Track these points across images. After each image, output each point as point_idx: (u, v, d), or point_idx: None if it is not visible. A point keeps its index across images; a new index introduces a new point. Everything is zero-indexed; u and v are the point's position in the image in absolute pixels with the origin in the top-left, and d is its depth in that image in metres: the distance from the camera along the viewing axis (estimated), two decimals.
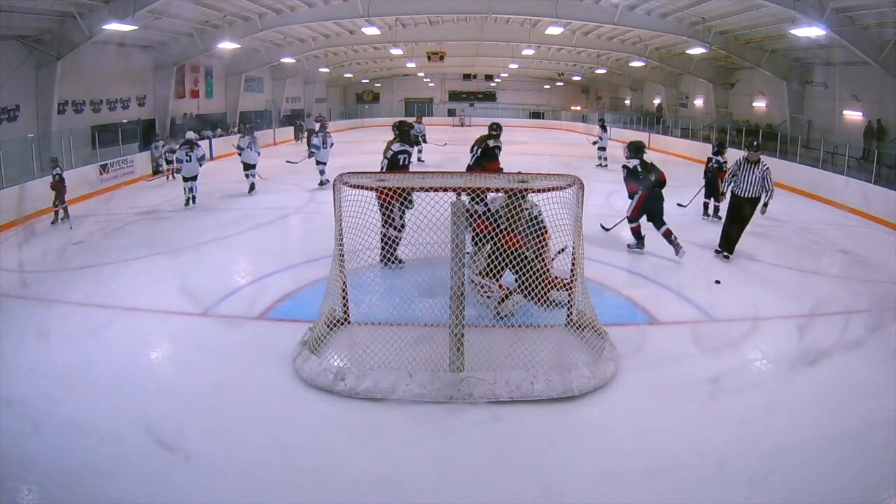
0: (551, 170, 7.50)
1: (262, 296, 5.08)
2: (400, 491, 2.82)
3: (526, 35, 18.32)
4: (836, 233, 8.08)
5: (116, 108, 14.05)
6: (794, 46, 13.82)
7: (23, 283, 5.76)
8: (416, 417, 3.35)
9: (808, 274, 6.28)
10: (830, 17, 10.28)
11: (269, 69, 21.50)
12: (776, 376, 3.97)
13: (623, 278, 5.63)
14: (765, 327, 4.66)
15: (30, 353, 4.11)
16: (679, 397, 3.56)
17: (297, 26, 15.76)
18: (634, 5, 13.59)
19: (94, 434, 3.14)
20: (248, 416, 3.35)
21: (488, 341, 3.84)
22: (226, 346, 4.24)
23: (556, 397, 3.46)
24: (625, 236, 7.02)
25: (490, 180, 4.33)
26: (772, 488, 2.77)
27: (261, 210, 9.05)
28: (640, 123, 22.08)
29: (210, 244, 7.14)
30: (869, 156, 11.18)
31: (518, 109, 31.35)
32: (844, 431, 3.23)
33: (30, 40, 10.79)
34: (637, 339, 4.29)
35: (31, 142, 10.38)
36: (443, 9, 14.94)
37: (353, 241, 4.05)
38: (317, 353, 3.87)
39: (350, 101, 32.26)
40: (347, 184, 3.93)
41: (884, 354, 4.09)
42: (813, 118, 14.77)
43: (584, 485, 2.85)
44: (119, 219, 8.55)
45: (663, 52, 18.73)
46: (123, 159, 12.01)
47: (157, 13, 11.87)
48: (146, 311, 4.86)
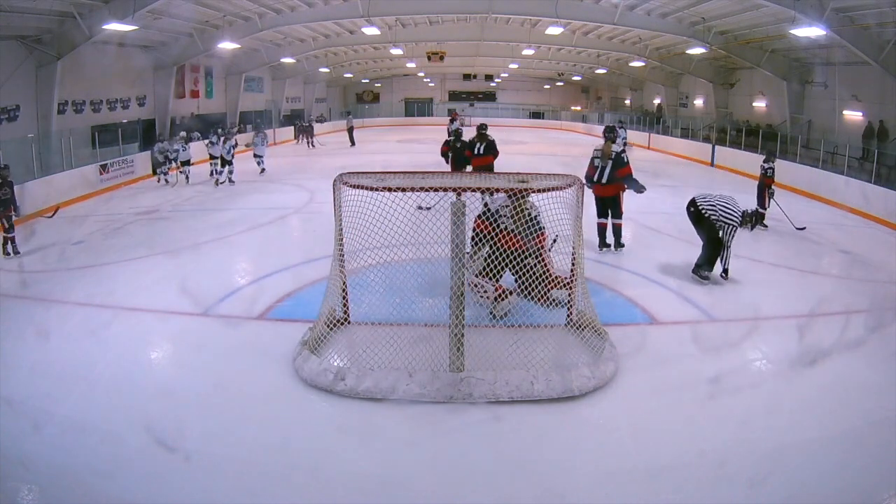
0: (551, 170, 7.51)
1: (262, 296, 5.08)
2: (400, 491, 2.81)
3: (526, 35, 18.32)
4: (836, 233, 8.08)
5: (116, 108, 14.04)
6: (794, 46, 13.81)
7: (23, 283, 5.76)
8: (416, 417, 3.35)
9: (808, 274, 6.28)
10: (830, 17, 10.28)
11: (269, 69, 21.50)
12: (776, 376, 3.97)
13: (623, 278, 5.63)
14: (765, 327, 4.66)
15: (30, 353, 4.11)
16: (679, 397, 3.56)
17: (297, 26, 15.75)
18: (634, 5, 13.59)
19: (94, 434, 3.14)
20: (248, 416, 3.35)
21: (488, 341, 3.84)
22: (226, 346, 4.24)
23: (556, 397, 3.46)
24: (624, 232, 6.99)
25: (490, 180, 4.33)
26: (772, 488, 2.77)
27: (261, 210, 9.05)
28: (640, 123, 22.09)
29: (210, 244, 7.15)
30: (869, 156, 11.18)
31: (518, 109, 31.35)
32: (844, 431, 3.23)
33: (30, 40, 10.78)
34: (637, 339, 4.28)
35: (31, 142, 10.38)
36: (443, 9, 14.94)
37: (353, 241, 4.04)
38: (317, 353, 3.87)
39: (350, 101, 32.23)
40: (347, 184, 3.93)
41: (884, 354, 4.09)
42: (813, 118, 14.77)
43: (584, 485, 2.85)
44: (119, 219, 8.55)
45: (663, 52, 18.73)
46: (123, 159, 12.01)
47: (157, 13, 11.86)
48: (146, 311, 4.86)
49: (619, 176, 6.03)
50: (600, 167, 5.99)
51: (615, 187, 6.08)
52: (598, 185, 6.03)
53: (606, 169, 5.94)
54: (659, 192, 7.77)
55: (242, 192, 10.44)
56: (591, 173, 6.03)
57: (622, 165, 5.97)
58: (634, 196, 6.46)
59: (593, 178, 6.00)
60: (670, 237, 7.56)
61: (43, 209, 8.54)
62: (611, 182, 6.02)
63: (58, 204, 8.90)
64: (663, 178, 10.13)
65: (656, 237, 7.59)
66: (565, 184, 3.98)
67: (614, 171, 5.95)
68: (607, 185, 5.98)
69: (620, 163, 5.97)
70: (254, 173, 12.55)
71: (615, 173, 5.97)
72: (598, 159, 6.05)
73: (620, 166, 5.95)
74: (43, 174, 9.67)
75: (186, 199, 10.12)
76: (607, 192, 6.05)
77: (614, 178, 6.00)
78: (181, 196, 10.29)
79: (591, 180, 5.97)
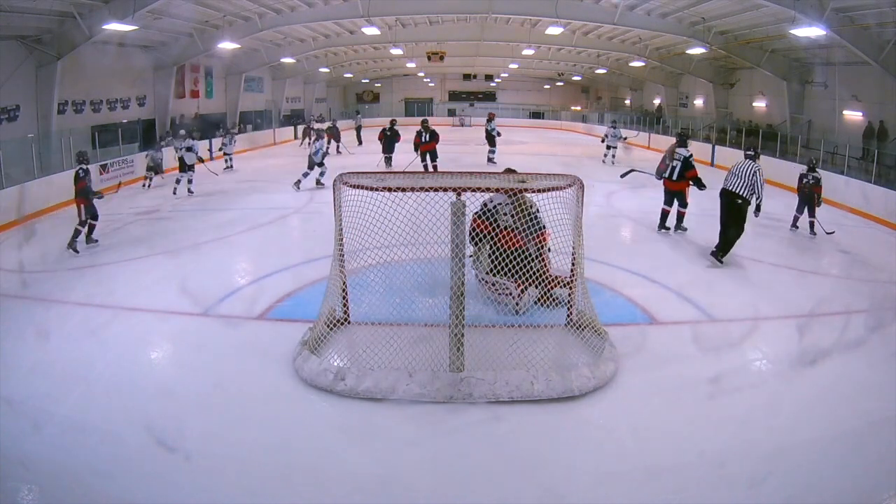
0: (551, 170, 7.53)
1: (262, 296, 5.08)
2: (400, 491, 2.81)
3: (526, 35, 18.31)
4: (837, 233, 8.08)
5: (116, 108, 14.04)
6: (794, 46, 13.81)
7: (23, 283, 5.75)
8: (416, 417, 3.35)
9: (808, 274, 6.28)
10: (830, 17, 10.27)
11: (269, 69, 21.49)
12: (776, 376, 3.97)
13: (623, 278, 5.63)
14: (765, 327, 4.66)
15: (30, 353, 4.11)
16: (679, 397, 3.56)
17: (297, 26, 15.74)
18: (634, 5, 13.59)
19: (94, 434, 3.14)
20: (248, 416, 3.35)
21: (488, 341, 3.84)
22: (226, 346, 4.24)
23: (556, 397, 3.46)
24: (624, 232, 7.00)
25: (490, 180, 4.33)
26: (772, 489, 2.77)
27: (261, 210, 9.06)
28: (639, 123, 22.09)
29: (210, 244, 7.15)
30: (868, 156, 11.18)
31: (518, 109, 31.33)
32: (844, 431, 3.23)
33: (30, 40, 10.78)
34: (637, 339, 4.28)
35: (31, 142, 10.37)
36: (443, 9, 14.93)
37: (353, 241, 4.04)
38: (317, 353, 3.87)
39: (350, 101, 32.23)
40: (347, 184, 3.93)
41: (884, 354, 4.09)
42: (813, 118, 14.77)
43: (584, 485, 2.85)
44: (119, 219, 8.54)
45: (663, 52, 18.73)
46: (123, 159, 12.00)
47: (157, 13, 11.86)
48: (146, 311, 4.86)
49: (687, 175, 7.18)
50: (670, 166, 7.08)
51: (683, 184, 7.20)
52: (668, 181, 7.16)
53: (677, 168, 7.02)
54: (659, 191, 7.80)
55: (242, 191, 10.43)
56: (663, 168, 7.12)
57: (690, 168, 7.10)
58: (635, 196, 6.56)
59: (664, 174, 7.15)
60: (670, 237, 7.57)
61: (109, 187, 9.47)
62: (680, 179, 7.17)
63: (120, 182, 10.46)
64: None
65: (656, 237, 7.59)
66: (565, 184, 3.98)
67: (684, 171, 7.07)
68: (677, 181, 7.11)
69: (689, 165, 7.10)
70: (253, 173, 12.55)
71: (685, 173, 7.12)
72: (669, 159, 7.10)
73: (689, 168, 7.08)
74: (43, 174, 9.66)
75: (186, 199, 10.11)
76: (675, 186, 7.21)
77: (683, 176, 7.18)
78: (181, 196, 10.29)
79: (661, 174, 7.18)
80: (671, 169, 7.17)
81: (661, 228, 7.41)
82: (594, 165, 13.99)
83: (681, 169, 7.04)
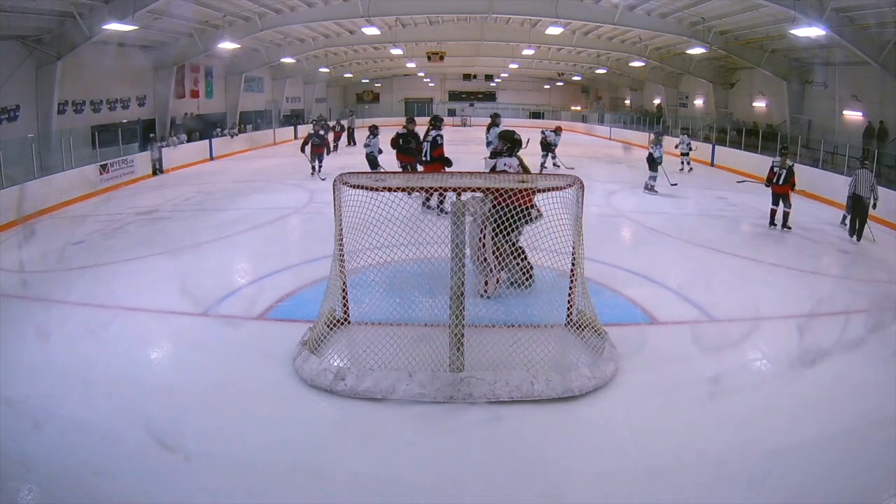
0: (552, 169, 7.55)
1: (262, 296, 5.08)
2: (400, 491, 2.81)
3: (526, 35, 18.31)
4: (837, 233, 8.08)
5: (116, 108, 14.03)
6: (794, 46, 13.81)
7: (23, 283, 5.75)
8: (416, 417, 3.35)
9: (808, 274, 6.28)
10: (830, 17, 10.27)
11: (269, 69, 21.48)
12: (776, 376, 3.97)
13: (623, 278, 5.63)
14: (765, 327, 4.66)
15: (30, 353, 4.10)
16: (679, 397, 3.56)
17: (297, 26, 15.74)
18: (634, 5, 13.59)
19: (94, 434, 3.14)
20: (248, 416, 3.35)
21: (488, 341, 3.83)
22: (226, 346, 4.24)
23: (556, 397, 3.46)
24: (624, 232, 6.99)
25: (490, 180, 4.33)
26: (772, 488, 2.77)
27: (261, 210, 9.06)
28: (640, 123, 22.08)
29: (210, 244, 7.14)
30: (868, 156, 11.16)
31: (518, 109, 31.32)
32: (844, 431, 3.23)
33: (30, 40, 10.78)
34: (637, 339, 4.29)
35: (31, 142, 10.35)
36: (443, 9, 14.93)
37: (353, 241, 4.04)
38: (317, 353, 3.87)
39: (350, 101, 32.22)
40: (347, 184, 3.93)
41: (884, 354, 4.09)
42: (813, 118, 14.77)
43: (584, 485, 2.85)
44: (119, 219, 8.55)
45: (663, 52, 18.73)
46: (123, 159, 12.00)
47: (157, 13, 11.85)
48: (146, 311, 4.86)
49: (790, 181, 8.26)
50: (779, 173, 8.23)
51: (786, 187, 8.23)
52: (775, 185, 8.23)
53: (783, 174, 8.18)
54: (660, 191, 7.83)
55: (242, 191, 10.43)
56: (771, 177, 8.28)
57: (792, 175, 8.24)
58: (635, 196, 6.56)
59: (772, 180, 8.30)
60: (670, 237, 7.58)
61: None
62: (785, 183, 8.22)
63: None
64: (662, 178, 10.18)
65: (656, 237, 7.59)
66: (565, 184, 3.98)
67: (788, 177, 8.20)
68: (783, 185, 8.23)
69: (791, 173, 8.24)
70: (253, 173, 12.53)
71: (789, 179, 8.25)
72: (776, 167, 8.22)
73: (791, 175, 8.23)
74: (43, 174, 9.66)
75: (186, 199, 10.12)
76: (782, 189, 8.23)
77: (787, 181, 8.30)
78: (181, 196, 10.30)
79: (770, 181, 8.34)
80: (778, 175, 8.36)
81: (771, 226, 8.36)
82: (594, 165, 13.97)
83: (786, 175, 8.24)
